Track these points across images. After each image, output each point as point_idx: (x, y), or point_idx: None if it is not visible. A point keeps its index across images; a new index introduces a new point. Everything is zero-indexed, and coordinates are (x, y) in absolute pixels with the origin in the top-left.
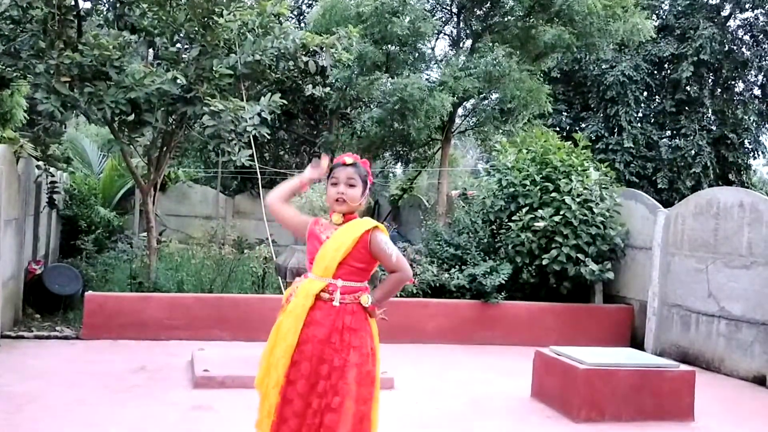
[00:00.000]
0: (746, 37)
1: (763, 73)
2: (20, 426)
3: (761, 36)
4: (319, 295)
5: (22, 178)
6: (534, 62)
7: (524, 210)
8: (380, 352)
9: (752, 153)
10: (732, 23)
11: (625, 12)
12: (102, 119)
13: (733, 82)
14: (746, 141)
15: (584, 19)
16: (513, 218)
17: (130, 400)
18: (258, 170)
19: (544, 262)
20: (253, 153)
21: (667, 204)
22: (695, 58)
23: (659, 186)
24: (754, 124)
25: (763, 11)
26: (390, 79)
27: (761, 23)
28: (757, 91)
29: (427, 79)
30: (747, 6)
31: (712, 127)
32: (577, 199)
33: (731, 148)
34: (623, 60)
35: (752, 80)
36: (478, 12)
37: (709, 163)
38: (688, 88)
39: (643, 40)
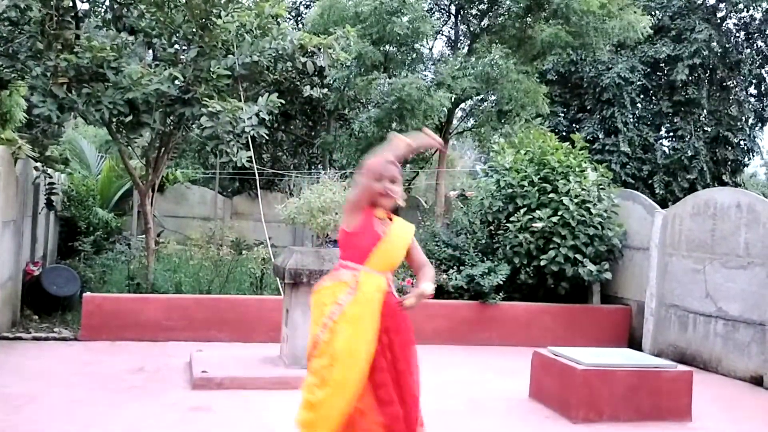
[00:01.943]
0: (741, 37)
1: (757, 72)
2: (19, 427)
3: (756, 35)
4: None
5: (20, 179)
6: (531, 63)
7: (522, 211)
8: None
9: (748, 153)
10: (728, 22)
11: (621, 10)
12: (100, 120)
13: (729, 82)
14: (741, 141)
15: (581, 18)
16: (511, 219)
17: (128, 401)
18: (256, 171)
19: (542, 263)
20: (251, 154)
21: (664, 205)
22: (691, 61)
23: (655, 188)
24: (748, 123)
25: (760, 10)
26: (388, 79)
27: (757, 22)
28: (753, 90)
29: (424, 79)
30: (741, 6)
31: (708, 128)
32: (575, 200)
33: (727, 148)
34: (619, 62)
35: (748, 79)
36: (476, 12)
37: (705, 166)
38: (684, 89)
39: (639, 37)
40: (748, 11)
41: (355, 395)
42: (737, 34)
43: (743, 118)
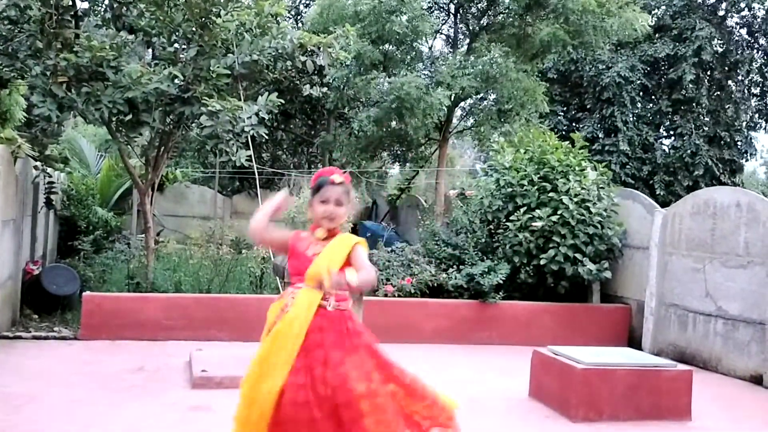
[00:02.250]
0: (743, 36)
1: (760, 71)
2: (18, 426)
3: (758, 34)
4: (320, 303)
5: (19, 178)
6: (531, 62)
7: (522, 210)
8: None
9: (744, 154)
10: (729, 21)
11: (620, 8)
12: (99, 119)
13: (728, 82)
14: (738, 142)
15: (579, 17)
16: (511, 218)
17: (128, 400)
18: (256, 170)
19: (542, 262)
20: (251, 153)
21: (664, 205)
22: (695, 59)
23: (655, 188)
24: (745, 124)
25: (762, 7)
26: (388, 78)
27: (758, 21)
28: (755, 90)
29: (423, 78)
30: (743, 5)
31: (706, 127)
32: (575, 199)
33: (724, 148)
34: (619, 61)
35: (748, 78)
36: (475, 10)
37: (708, 162)
38: (685, 87)
39: (639, 34)
40: (750, 10)
41: (263, 409)
42: (738, 33)
43: (740, 118)
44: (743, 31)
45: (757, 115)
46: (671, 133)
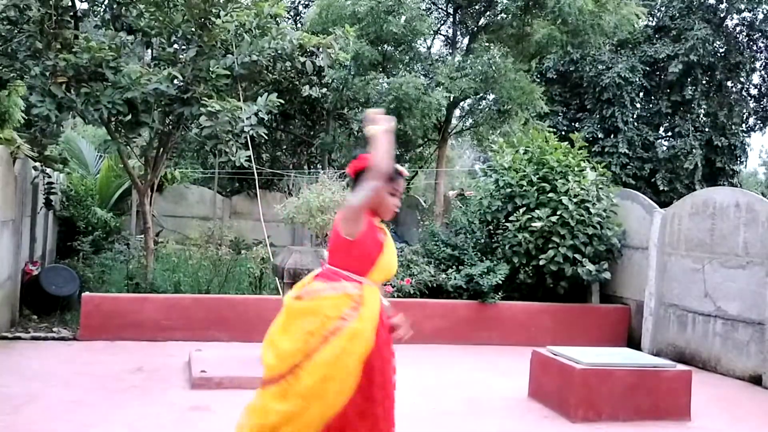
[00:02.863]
0: (743, 38)
1: (760, 74)
2: (18, 427)
3: (758, 35)
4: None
5: (18, 179)
6: (529, 62)
7: (521, 210)
8: None
9: (737, 159)
10: (729, 23)
11: (617, 5)
12: (99, 120)
13: (727, 83)
14: (732, 145)
15: (576, 17)
16: (510, 218)
17: (127, 400)
18: (255, 171)
19: (541, 263)
20: (250, 154)
21: (664, 205)
22: (685, 59)
23: (657, 187)
24: (740, 127)
25: (761, 10)
26: (386, 78)
27: (758, 23)
28: (753, 91)
29: (422, 78)
30: (743, 7)
31: (705, 129)
32: (574, 200)
33: (720, 152)
34: (619, 61)
35: (749, 81)
36: (473, 11)
37: (699, 164)
38: (682, 88)
39: (637, 30)
40: (750, 12)
41: (330, 408)
42: (738, 37)
43: (735, 121)
44: (744, 33)
45: (754, 118)
46: (670, 134)
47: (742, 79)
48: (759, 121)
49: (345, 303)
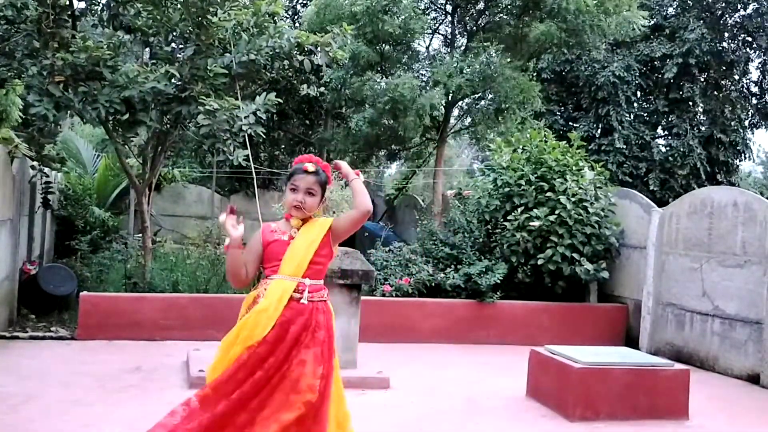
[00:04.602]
0: (740, 36)
1: (759, 71)
2: (16, 426)
3: (755, 33)
4: (291, 294)
5: (16, 178)
6: (528, 61)
7: (519, 209)
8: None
9: (740, 155)
10: (727, 21)
11: (618, 7)
12: (96, 119)
13: (724, 81)
14: (734, 142)
15: (576, 17)
16: (508, 218)
17: (125, 400)
18: (253, 170)
19: (540, 262)
20: (248, 153)
21: (661, 204)
22: (680, 59)
23: (652, 187)
24: (742, 124)
25: (756, 7)
26: (383, 78)
27: (755, 22)
28: (754, 88)
29: (419, 78)
30: (739, 6)
31: (703, 127)
32: (572, 199)
33: (721, 149)
34: (615, 60)
35: (746, 79)
36: (472, 10)
37: (699, 164)
38: (679, 87)
39: (637, 32)
40: (745, 9)
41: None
42: (736, 35)
43: (737, 118)
44: (740, 31)
45: (756, 115)
46: (667, 133)
47: (736, 77)
48: (760, 119)
49: (251, 299)
